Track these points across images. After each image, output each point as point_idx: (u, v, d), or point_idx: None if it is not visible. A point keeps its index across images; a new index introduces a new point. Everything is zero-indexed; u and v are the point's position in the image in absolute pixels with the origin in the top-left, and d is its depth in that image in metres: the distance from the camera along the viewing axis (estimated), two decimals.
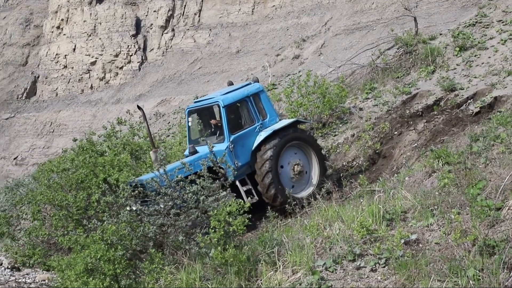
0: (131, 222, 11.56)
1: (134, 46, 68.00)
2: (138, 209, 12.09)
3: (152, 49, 68.07)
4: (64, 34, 71.18)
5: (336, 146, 19.81)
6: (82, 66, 69.18)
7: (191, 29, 66.98)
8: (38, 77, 71.82)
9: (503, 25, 23.65)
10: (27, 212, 18.29)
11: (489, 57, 21.54)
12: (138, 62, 67.69)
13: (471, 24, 24.94)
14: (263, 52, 58.03)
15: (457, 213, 9.31)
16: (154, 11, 68.59)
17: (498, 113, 15.73)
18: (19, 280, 14.67)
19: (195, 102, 16.67)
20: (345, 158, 19.18)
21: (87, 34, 69.65)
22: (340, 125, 21.19)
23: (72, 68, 69.72)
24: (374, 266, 8.91)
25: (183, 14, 67.84)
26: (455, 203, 9.86)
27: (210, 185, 12.15)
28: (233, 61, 60.25)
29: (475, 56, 21.92)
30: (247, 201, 11.39)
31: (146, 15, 69.18)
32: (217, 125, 15.81)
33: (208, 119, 16.11)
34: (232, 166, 14.04)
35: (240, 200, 11.40)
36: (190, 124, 16.56)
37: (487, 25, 24.21)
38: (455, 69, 21.74)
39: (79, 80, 69.33)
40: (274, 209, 13.77)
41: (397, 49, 25.62)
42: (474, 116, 17.90)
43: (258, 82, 16.67)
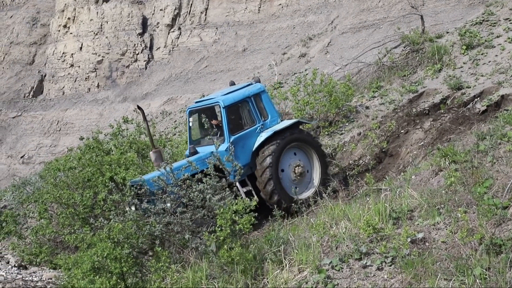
0: (138, 221, 11.58)
1: (141, 45, 68.04)
2: (144, 208, 12.09)
3: (159, 48, 68.09)
4: (71, 33, 71.27)
5: (343, 145, 19.79)
6: (89, 65, 69.24)
7: (198, 28, 66.97)
8: (45, 76, 71.93)
9: (510, 23, 23.58)
10: (34, 211, 18.34)
11: (496, 56, 21.48)
12: (145, 61, 67.72)
13: (478, 22, 24.88)
14: (270, 51, 57.98)
15: (464, 212, 9.29)
16: (161, 10, 68.61)
17: (505, 112, 15.68)
18: (26, 278, 14.70)
19: (196, 103, 16.56)
20: (352, 157, 19.16)
21: (94, 33, 69.73)
22: (347, 124, 21.17)
23: (79, 67, 69.80)
24: (381, 265, 8.91)
25: (190, 13, 67.84)
26: (462, 202, 9.84)
27: (216, 184, 12.16)
28: (240, 60, 60.21)
29: (482, 55, 21.86)
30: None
31: (153, 14, 69.21)
32: (218, 126, 15.70)
33: (209, 120, 16.02)
34: (239, 165, 13.98)
35: (247, 199, 11.42)
36: (191, 125, 16.49)
37: (494, 23, 24.15)
38: (462, 68, 21.69)
39: (86, 79, 69.40)
40: (280, 209, 13.73)
41: (404, 48, 25.57)
42: (481, 115, 17.85)
43: (260, 82, 16.56)
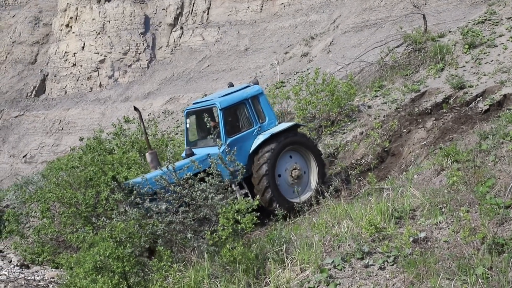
0: (140, 220, 11.58)
1: (143, 44, 68.14)
2: (143, 208, 12.09)
3: (161, 47, 68.18)
4: (73, 32, 71.38)
5: (345, 144, 19.78)
6: (91, 64, 69.35)
7: (200, 27, 67.04)
8: (47, 75, 72.06)
9: None
10: (36, 210, 18.34)
11: (499, 55, 21.46)
12: (147, 60, 67.82)
13: (480, 22, 24.85)
14: (272, 50, 58.03)
15: (466, 211, 9.30)
16: (163, 9, 68.69)
17: (507, 111, 15.68)
18: (28, 278, 14.71)
19: (194, 104, 16.48)
20: (354, 156, 19.15)
21: (96, 32, 69.82)
22: (349, 123, 21.16)
23: (81, 66, 69.91)
24: (383, 264, 8.91)
25: (192, 12, 67.91)
26: (464, 201, 9.85)
27: (219, 183, 12.17)
28: (242, 59, 60.26)
29: (484, 54, 21.83)
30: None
31: (155, 13, 69.29)
32: (215, 128, 15.56)
33: (208, 121, 15.90)
34: (241, 164, 13.93)
35: (249, 198, 11.43)
36: (188, 126, 16.40)
37: (497, 23, 24.12)
38: (464, 67, 21.66)
39: (88, 78, 69.51)
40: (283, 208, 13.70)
41: (406, 47, 25.55)
42: (483, 114, 17.83)
43: (258, 84, 16.47)
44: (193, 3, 67.88)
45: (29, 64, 73.50)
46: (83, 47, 70.13)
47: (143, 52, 67.95)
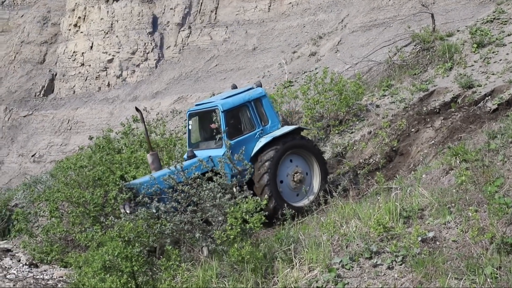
0: (148, 219, 11.61)
1: (151, 44, 68.22)
2: (156, 206, 12.12)
3: (169, 47, 68.26)
4: (81, 32, 71.55)
5: (353, 144, 19.76)
6: (99, 64, 69.49)
7: (208, 27, 67.09)
8: (56, 75, 72.24)
9: None
10: (45, 209, 18.39)
11: (507, 54, 21.37)
12: (155, 60, 67.91)
13: (489, 21, 24.76)
14: (280, 49, 58.02)
15: (475, 211, 9.27)
16: (171, 9, 68.76)
17: None
18: (37, 277, 14.76)
19: (196, 106, 16.38)
20: (362, 156, 19.13)
21: (104, 32, 69.95)
22: (357, 122, 21.13)
23: (89, 66, 70.06)
24: (391, 264, 8.90)
25: (200, 12, 67.97)
26: (473, 201, 9.82)
27: (227, 183, 12.18)
28: (250, 59, 60.27)
29: (493, 53, 21.75)
30: None
31: (163, 13, 69.37)
32: (218, 130, 15.44)
33: (209, 123, 15.67)
34: (250, 164, 13.91)
35: (257, 198, 11.43)
36: (191, 128, 16.33)
37: (505, 22, 24.02)
38: (473, 66, 21.59)
39: (96, 78, 69.65)
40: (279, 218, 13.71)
41: (414, 46, 25.48)
42: (492, 113, 17.76)
43: (261, 87, 16.39)
44: (201, 3, 67.96)
45: (38, 64, 73.70)
46: (92, 47, 70.28)
47: (151, 52, 68.04)
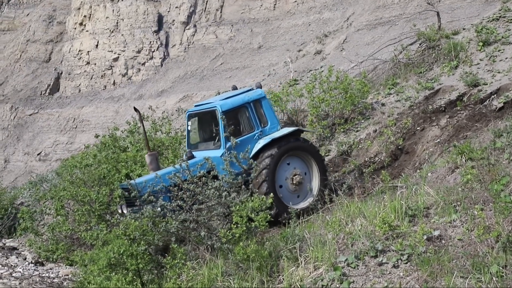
0: (154, 217, 11.62)
1: (156, 42, 68.24)
2: (161, 205, 12.13)
3: (174, 45, 68.25)
4: (87, 31, 71.60)
5: (358, 142, 19.74)
6: (105, 62, 69.55)
7: (213, 25, 67.07)
8: (61, 74, 72.33)
9: None
10: (51, 208, 18.46)
11: None
12: (160, 58, 67.91)
13: (495, 19, 24.71)
14: (285, 48, 57.97)
15: (480, 209, 9.26)
16: (176, 7, 68.76)
17: None
18: (43, 275, 14.79)
19: (196, 106, 16.26)
20: (367, 154, 19.12)
21: (110, 31, 70.00)
22: (362, 121, 21.11)
23: (95, 64, 70.12)
24: (396, 262, 8.90)
25: (205, 10, 67.96)
26: (478, 199, 9.81)
27: (233, 181, 12.19)
28: (255, 57, 60.23)
29: (499, 51, 21.71)
30: None
31: (168, 11, 69.37)
32: (217, 131, 15.36)
33: (208, 124, 15.66)
34: (255, 163, 13.88)
35: (263, 196, 11.44)
36: (190, 128, 16.21)
37: (511, 20, 23.98)
38: (479, 64, 21.55)
39: (102, 76, 69.71)
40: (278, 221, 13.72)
41: (420, 44, 25.45)
42: (498, 112, 17.74)
43: (261, 88, 16.33)
44: (206, 1, 67.94)
45: (43, 63, 73.79)
46: (97, 46, 70.33)
47: (157, 50, 68.05)
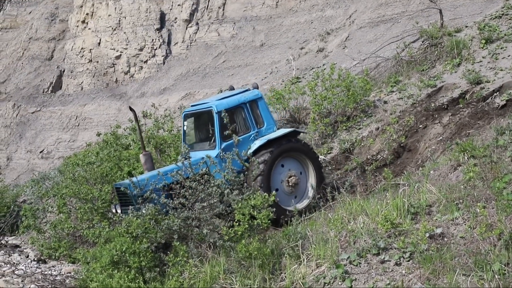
0: (156, 215, 11.63)
1: (159, 40, 68.20)
2: (163, 202, 12.15)
3: (177, 43, 68.21)
4: (89, 28, 71.59)
5: (361, 140, 19.74)
6: (107, 60, 69.53)
7: (215, 23, 67.03)
8: (64, 71, 72.32)
9: None
10: (53, 205, 18.47)
11: None
12: (163, 56, 67.88)
13: (497, 16, 24.68)
14: (287, 46, 57.91)
15: (483, 207, 9.26)
16: (178, 5, 68.70)
17: None
18: (45, 272, 14.82)
19: (192, 106, 16.19)
20: (370, 152, 19.11)
21: (112, 28, 69.98)
22: (365, 119, 21.10)
23: (97, 62, 70.11)
24: (399, 260, 8.90)
25: (207, 8, 67.91)
26: (481, 197, 9.80)
27: (235, 179, 12.20)
28: (257, 55, 60.18)
29: (502, 49, 21.69)
30: None
31: (171, 9, 69.33)
32: (213, 131, 15.27)
33: (204, 124, 15.63)
34: (258, 160, 13.90)
35: (265, 194, 11.44)
36: (186, 128, 16.11)
37: None
38: (481, 62, 21.53)
39: (104, 74, 69.70)
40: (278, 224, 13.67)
41: (422, 42, 25.43)
42: (500, 109, 17.72)
43: (258, 89, 16.28)
44: None
45: (46, 60, 73.78)
46: (99, 43, 70.32)
47: (159, 48, 68.00)
